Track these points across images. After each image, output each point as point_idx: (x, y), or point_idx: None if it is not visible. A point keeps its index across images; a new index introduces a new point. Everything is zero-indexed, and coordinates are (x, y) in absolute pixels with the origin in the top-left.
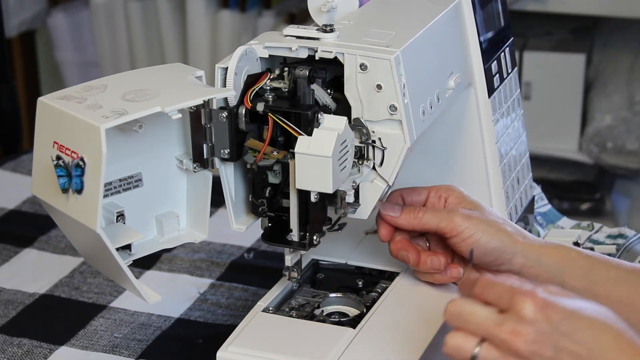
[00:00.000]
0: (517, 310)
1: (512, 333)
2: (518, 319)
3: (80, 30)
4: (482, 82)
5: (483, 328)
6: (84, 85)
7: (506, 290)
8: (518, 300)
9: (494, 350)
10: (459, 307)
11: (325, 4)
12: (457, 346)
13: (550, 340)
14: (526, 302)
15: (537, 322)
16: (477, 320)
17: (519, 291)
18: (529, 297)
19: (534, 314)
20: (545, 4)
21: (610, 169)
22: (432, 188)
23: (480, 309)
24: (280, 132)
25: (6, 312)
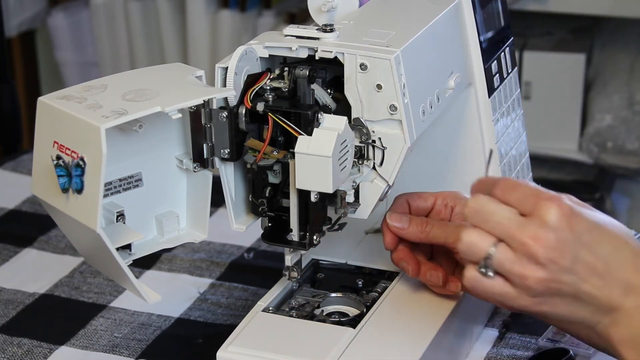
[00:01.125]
0: (541, 214)
1: (533, 237)
2: (541, 224)
3: (80, 30)
4: (482, 82)
5: (503, 228)
6: (84, 85)
7: (531, 193)
8: (543, 205)
9: (510, 252)
10: (481, 203)
11: (325, 3)
12: (473, 243)
13: (570, 250)
14: (551, 208)
15: (560, 229)
16: (498, 220)
17: (544, 196)
18: (555, 203)
19: (558, 221)
20: (545, 4)
21: (610, 169)
22: (439, 195)
23: (502, 208)
24: (280, 132)
25: (6, 312)
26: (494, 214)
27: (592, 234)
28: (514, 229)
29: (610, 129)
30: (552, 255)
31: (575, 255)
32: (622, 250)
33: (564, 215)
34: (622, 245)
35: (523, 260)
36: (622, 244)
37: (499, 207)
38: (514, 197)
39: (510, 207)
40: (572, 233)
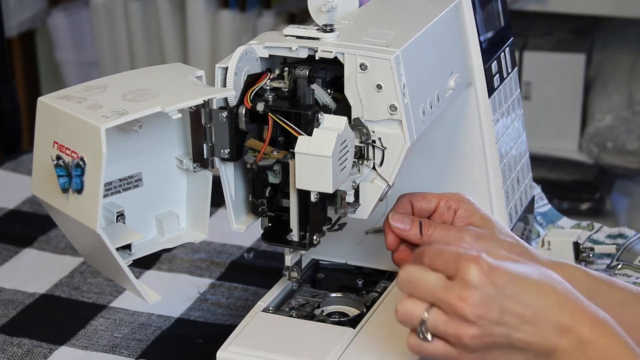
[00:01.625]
0: (462, 275)
1: (458, 298)
2: (463, 284)
3: (80, 30)
4: (482, 82)
5: (431, 293)
6: (84, 85)
7: (452, 257)
8: (463, 266)
9: (442, 315)
10: (410, 273)
11: (325, 4)
12: (408, 312)
13: (496, 303)
14: (471, 268)
15: (482, 286)
16: (426, 286)
17: (464, 257)
18: (474, 262)
19: (479, 279)
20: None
21: (610, 169)
22: (443, 197)
23: (429, 275)
24: (280, 132)
25: (6, 312)
26: (423, 281)
27: (515, 285)
28: (440, 292)
29: (610, 129)
30: (479, 311)
31: (501, 308)
32: (548, 295)
33: (484, 272)
34: (548, 291)
35: (454, 320)
36: (547, 289)
37: (426, 275)
38: (439, 262)
39: (437, 273)
40: (495, 287)
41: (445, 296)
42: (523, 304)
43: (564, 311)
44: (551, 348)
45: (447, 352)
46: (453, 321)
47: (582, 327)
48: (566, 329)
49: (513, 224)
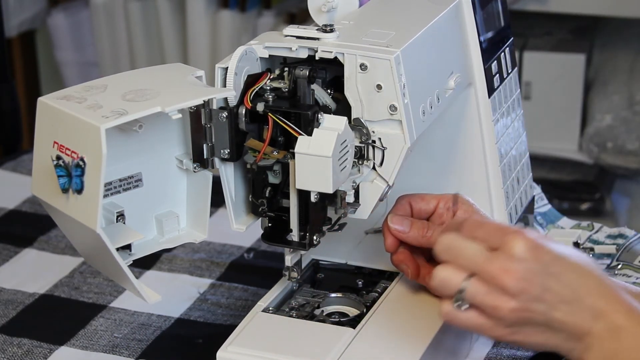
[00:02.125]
0: (508, 248)
1: (502, 269)
2: (509, 256)
3: (80, 30)
4: (482, 82)
5: (473, 263)
6: (84, 85)
7: (496, 229)
8: (509, 239)
9: (482, 285)
10: (451, 240)
11: (325, 4)
12: (446, 279)
13: (539, 280)
14: (517, 241)
15: (527, 260)
16: (467, 255)
17: (509, 230)
18: (520, 237)
19: (524, 253)
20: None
21: (610, 169)
22: (442, 198)
23: (471, 244)
24: (280, 132)
25: (6, 312)
26: (464, 250)
27: (558, 264)
28: (483, 262)
29: (610, 129)
30: (522, 285)
31: (543, 285)
32: (587, 278)
33: (530, 247)
34: (587, 274)
35: (494, 292)
36: (586, 272)
37: (467, 243)
38: (480, 233)
39: (479, 244)
40: (539, 264)
41: (488, 266)
42: (563, 283)
43: (600, 295)
44: (585, 331)
45: (481, 323)
46: (493, 292)
47: (617, 313)
48: (602, 313)
49: (513, 224)
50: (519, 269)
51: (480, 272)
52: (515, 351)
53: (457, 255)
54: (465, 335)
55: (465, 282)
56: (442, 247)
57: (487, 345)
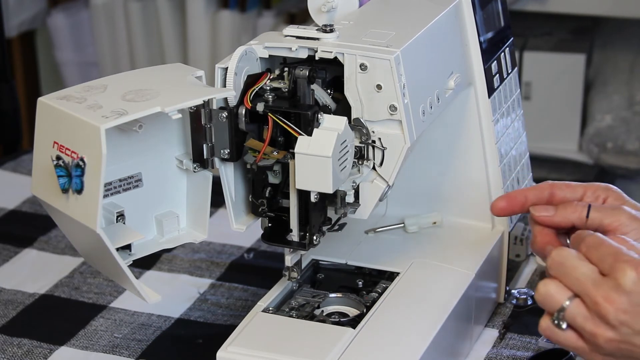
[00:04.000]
0: (617, 276)
1: (605, 297)
2: (615, 285)
3: (80, 30)
4: (482, 82)
5: (580, 284)
6: (84, 85)
7: (611, 253)
8: (620, 267)
9: (583, 309)
10: (564, 257)
11: (325, 4)
12: (549, 294)
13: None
14: (627, 270)
15: (635, 293)
16: (576, 275)
17: (623, 258)
18: (632, 266)
19: (633, 285)
20: (545, 4)
21: (610, 169)
22: (589, 187)
23: (582, 265)
24: (280, 132)
25: (6, 312)
26: (574, 269)
27: None
28: (589, 286)
29: (610, 129)
30: (623, 317)
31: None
32: None
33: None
34: None
35: (595, 318)
36: None
37: (579, 263)
38: (595, 255)
39: (591, 265)
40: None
41: (592, 291)
42: None
43: None
44: None
45: (578, 346)
46: (593, 318)
47: None
48: None
49: (513, 224)
50: (623, 300)
51: (584, 296)
52: (515, 351)
53: (565, 273)
54: (465, 335)
55: (567, 301)
56: (553, 262)
57: (487, 345)
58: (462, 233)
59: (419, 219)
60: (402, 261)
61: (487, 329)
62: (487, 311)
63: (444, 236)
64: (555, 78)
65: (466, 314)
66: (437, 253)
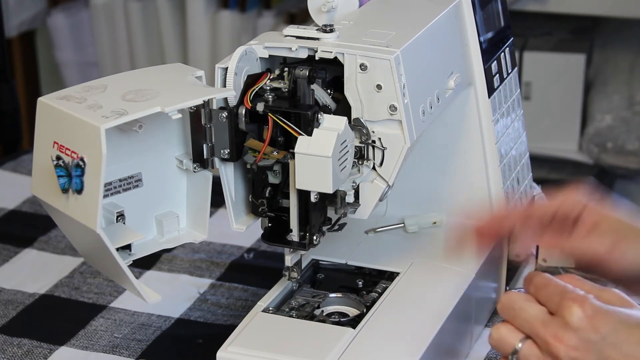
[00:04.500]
0: (564, 314)
1: (554, 337)
2: (563, 324)
3: (80, 30)
4: (482, 82)
5: (530, 325)
6: (84, 85)
7: (557, 292)
8: (566, 304)
9: (535, 349)
10: (512, 300)
11: (325, 4)
12: (502, 338)
13: (595, 350)
14: (573, 308)
15: (582, 330)
16: (525, 317)
17: (569, 296)
18: (577, 303)
19: (579, 321)
20: (545, 4)
21: (610, 169)
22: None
23: (530, 306)
24: (280, 132)
25: (6, 312)
26: (522, 311)
27: (620, 333)
28: (539, 327)
29: (610, 129)
30: (574, 354)
31: (600, 356)
32: None
33: (586, 315)
34: None
35: (547, 357)
36: None
37: (528, 305)
38: (543, 294)
39: (540, 305)
40: (597, 333)
41: (542, 331)
42: (625, 354)
43: None
44: None
45: None
46: (545, 358)
47: None
48: None
49: None
50: (571, 337)
51: (535, 337)
52: None
53: (515, 316)
54: (465, 335)
55: (520, 344)
56: (503, 306)
57: (487, 346)
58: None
59: (419, 219)
60: (402, 261)
61: (487, 329)
62: (487, 311)
63: (444, 236)
64: (555, 78)
65: (466, 314)
66: (437, 253)
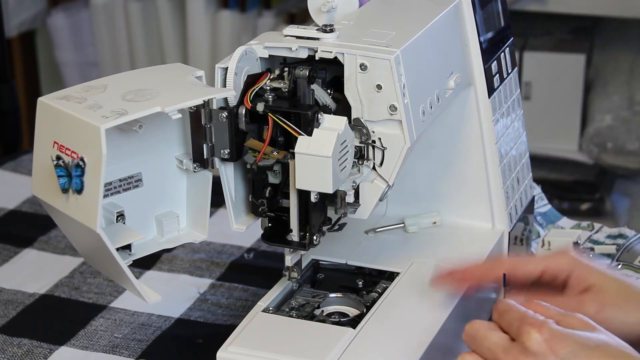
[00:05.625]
0: (523, 340)
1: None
2: (522, 349)
3: (80, 30)
4: (482, 82)
5: (491, 353)
6: (84, 85)
7: (517, 318)
8: (525, 329)
9: None
10: (475, 329)
11: (325, 4)
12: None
13: None
14: (532, 333)
15: (541, 354)
16: (487, 345)
17: (528, 321)
18: (535, 329)
19: (537, 346)
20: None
21: (610, 169)
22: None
23: (492, 334)
24: (280, 132)
25: (6, 312)
26: (485, 339)
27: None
28: (500, 354)
29: (610, 129)
30: None
31: None
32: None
33: (544, 339)
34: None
35: None
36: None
37: (490, 333)
38: (505, 320)
39: (501, 333)
40: (556, 357)
41: (503, 358)
42: None
43: None
44: None
45: None
46: None
47: None
48: None
49: (513, 224)
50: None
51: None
52: None
53: (478, 345)
54: None
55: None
56: (467, 335)
57: None
58: (462, 233)
59: (419, 219)
60: (402, 261)
61: None
62: (487, 311)
63: (444, 236)
64: (555, 78)
65: (466, 314)
66: (437, 253)
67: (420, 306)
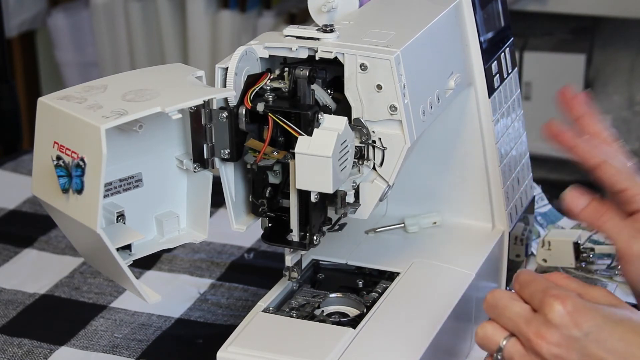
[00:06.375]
0: (546, 312)
1: (536, 334)
2: (544, 321)
3: (80, 30)
4: (482, 82)
5: (513, 323)
6: (84, 86)
7: (540, 289)
8: (548, 302)
9: (519, 346)
10: (496, 298)
11: (325, 4)
12: (487, 336)
13: (577, 346)
14: (555, 305)
15: (564, 327)
16: (509, 315)
17: (551, 293)
18: (559, 300)
19: (560, 319)
20: (545, 4)
21: None
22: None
23: (514, 304)
24: (280, 132)
25: (6, 312)
26: (506, 309)
27: (603, 330)
28: (522, 324)
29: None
30: (556, 351)
31: (583, 352)
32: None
33: (567, 312)
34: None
35: (531, 355)
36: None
37: (511, 303)
38: (527, 292)
39: (523, 303)
40: (579, 330)
41: (524, 329)
42: (608, 350)
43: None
44: None
45: None
46: (529, 355)
47: None
48: None
49: (513, 225)
50: (553, 334)
51: (518, 334)
52: None
53: (499, 314)
54: (465, 335)
55: (504, 341)
56: (488, 305)
57: None
58: (462, 233)
59: (419, 219)
60: (402, 261)
61: None
62: None
63: (444, 236)
64: (555, 78)
65: (466, 314)
66: (437, 253)
67: (420, 306)
